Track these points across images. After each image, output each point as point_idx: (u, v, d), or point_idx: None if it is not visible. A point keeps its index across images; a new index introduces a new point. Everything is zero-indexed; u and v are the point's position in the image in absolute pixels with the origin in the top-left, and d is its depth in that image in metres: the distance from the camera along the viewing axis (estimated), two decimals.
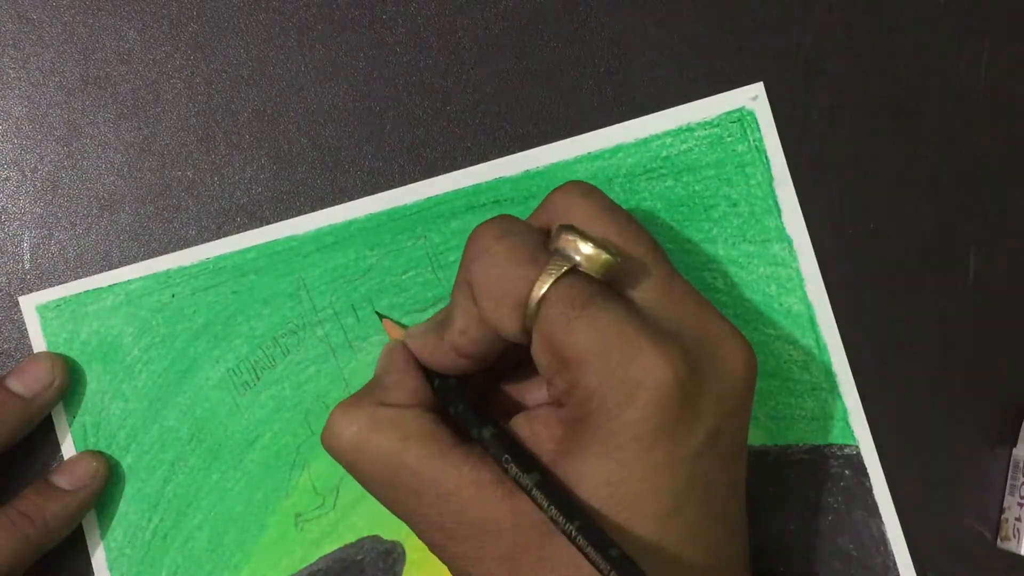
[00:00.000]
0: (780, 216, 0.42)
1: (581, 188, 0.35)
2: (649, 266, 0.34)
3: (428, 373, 0.36)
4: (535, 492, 0.31)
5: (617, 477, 0.31)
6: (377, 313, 0.41)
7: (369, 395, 0.35)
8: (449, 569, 0.34)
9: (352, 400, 0.35)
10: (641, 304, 0.33)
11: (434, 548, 0.34)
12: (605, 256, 0.32)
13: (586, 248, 0.32)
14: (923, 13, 0.43)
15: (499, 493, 0.32)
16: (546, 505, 0.30)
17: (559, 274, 0.32)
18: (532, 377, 0.37)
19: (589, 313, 0.31)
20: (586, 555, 0.29)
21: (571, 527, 0.30)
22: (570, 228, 0.33)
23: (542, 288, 0.32)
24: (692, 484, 0.31)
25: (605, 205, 0.34)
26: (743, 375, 0.33)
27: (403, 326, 0.40)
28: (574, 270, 0.32)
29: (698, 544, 0.32)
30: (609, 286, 0.33)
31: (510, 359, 0.36)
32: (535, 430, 0.33)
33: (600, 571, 0.29)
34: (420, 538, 0.34)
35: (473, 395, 0.35)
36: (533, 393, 0.37)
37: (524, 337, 0.33)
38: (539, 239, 0.33)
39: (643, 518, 0.31)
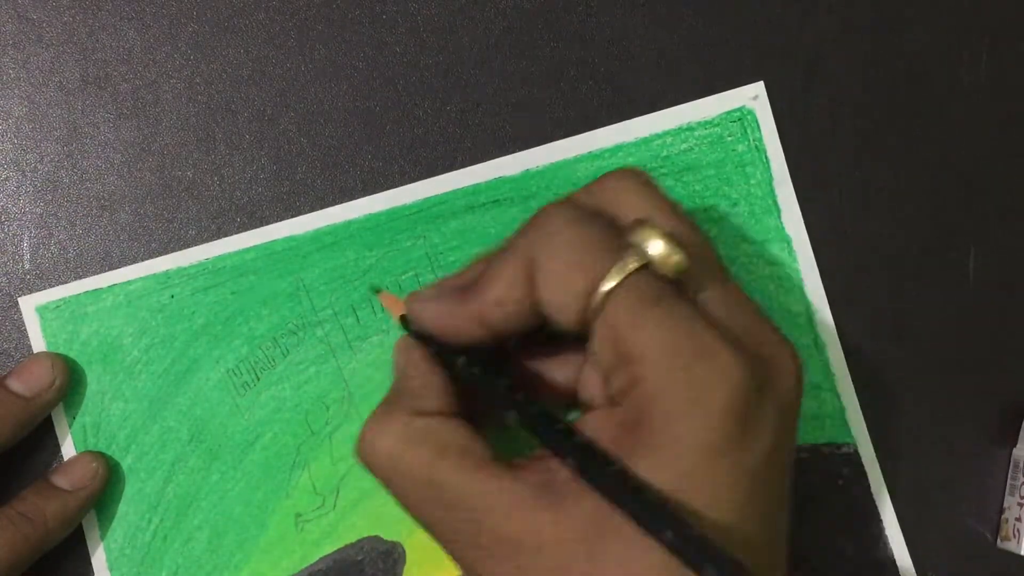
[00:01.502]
0: (780, 216, 0.41)
1: (638, 176, 0.34)
2: (712, 268, 0.33)
3: (446, 359, 0.34)
4: (611, 481, 0.28)
5: (675, 487, 0.29)
6: (373, 288, 0.41)
7: (399, 403, 0.33)
8: None
9: (383, 410, 0.33)
10: (703, 306, 0.32)
11: (468, 570, 0.32)
12: (678, 256, 0.31)
13: (662, 247, 0.31)
14: (923, 13, 0.43)
15: (539, 505, 0.30)
16: (628, 497, 0.28)
17: (633, 269, 0.31)
18: (549, 364, 0.36)
19: (659, 311, 0.30)
20: (678, 554, 0.27)
21: (659, 523, 0.27)
22: (647, 223, 0.31)
23: (613, 281, 0.31)
24: (752, 498, 0.30)
25: (664, 200, 0.33)
26: (795, 387, 0.32)
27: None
28: (645, 266, 0.31)
29: (754, 556, 0.29)
30: (677, 285, 0.32)
31: (527, 342, 0.35)
32: (586, 432, 0.31)
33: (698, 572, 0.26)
34: (455, 560, 0.32)
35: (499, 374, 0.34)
36: (554, 375, 0.35)
37: (578, 326, 0.32)
38: (612, 230, 0.32)
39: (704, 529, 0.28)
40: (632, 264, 0.31)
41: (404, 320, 0.36)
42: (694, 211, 0.41)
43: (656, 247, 0.31)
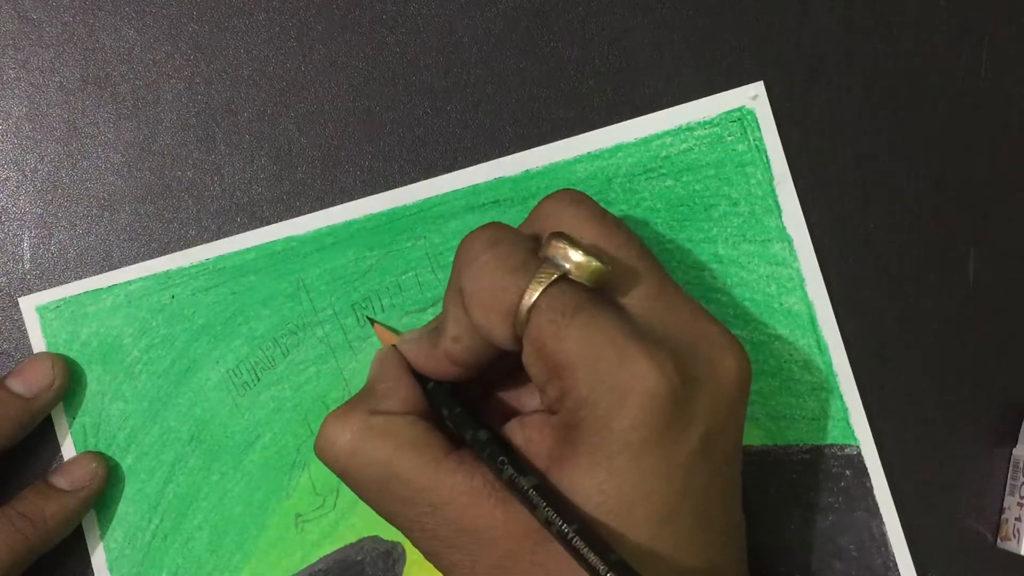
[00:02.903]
0: (780, 215, 0.41)
1: (571, 196, 0.35)
2: (640, 272, 0.34)
3: (421, 377, 0.36)
4: (532, 494, 0.31)
5: (609, 484, 0.31)
6: (369, 319, 0.41)
7: (362, 403, 0.35)
8: None
9: (344, 408, 0.35)
10: (632, 310, 0.33)
11: (429, 556, 0.34)
12: (595, 264, 0.32)
13: (576, 255, 0.32)
14: (923, 13, 0.43)
15: (492, 501, 0.32)
16: (543, 507, 0.30)
17: (549, 282, 0.32)
18: (526, 384, 0.37)
19: (579, 320, 0.31)
20: (583, 559, 0.29)
21: (569, 530, 0.29)
22: (560, 235, 0.32)
23: (532, 296, 0.32)
24: (686, 490, 0.31)
25: (595, 212, 0.34)
26: (736, 378, 0.33)
27: (395, 331, 0.40)
28: (564, 277, 0.32)
29: (693, 550, 0.32)
30: (600, 293, 0.33)
31: (504, 366, 0.36)
32: (528, 436, 0.33)
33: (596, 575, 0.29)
34: (415, 546, 0.34)
35: (466, 401, 0.35)
36: (526, 400, 0.37)
37: (516, 345, 0.33)
38: (529, 247, 0.33)
39: (636, 525, 0.31)
40: (546, 277, 0.32)
41: (395, 349, 0.38)
42: (694, 211, 0.41)
43: (571, 256, 0.32)
